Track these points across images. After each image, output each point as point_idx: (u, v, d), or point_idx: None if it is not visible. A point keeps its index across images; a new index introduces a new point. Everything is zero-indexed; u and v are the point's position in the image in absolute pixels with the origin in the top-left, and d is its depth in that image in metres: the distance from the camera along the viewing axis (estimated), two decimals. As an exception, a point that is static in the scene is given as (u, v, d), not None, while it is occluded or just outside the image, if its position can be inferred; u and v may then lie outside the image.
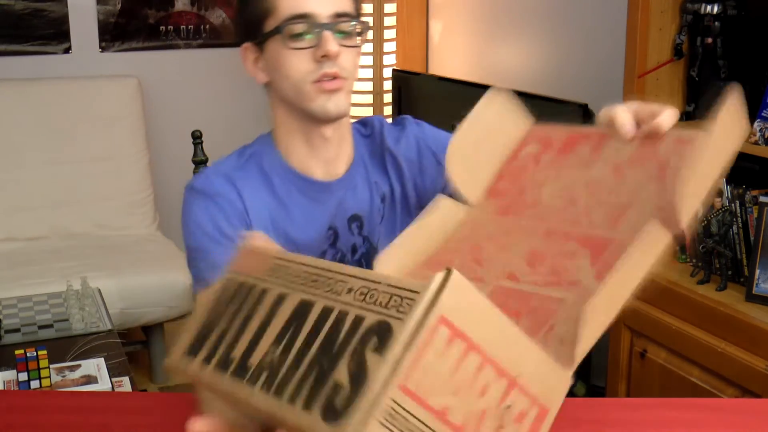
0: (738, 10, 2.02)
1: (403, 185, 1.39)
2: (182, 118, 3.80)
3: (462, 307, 0.62)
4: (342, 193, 1.36)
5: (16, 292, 2.67)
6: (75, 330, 2.27)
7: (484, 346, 0.63)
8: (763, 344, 1.79)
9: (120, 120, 3.53)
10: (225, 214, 1.30)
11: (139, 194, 3.53)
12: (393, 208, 1.40)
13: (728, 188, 2.02)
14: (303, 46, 1.25)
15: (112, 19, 3.70)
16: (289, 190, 1.34)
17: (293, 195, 1.34)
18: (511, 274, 0.83)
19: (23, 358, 1.90)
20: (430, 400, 0.61)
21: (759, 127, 1.85)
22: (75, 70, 3.63)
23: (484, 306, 0.63)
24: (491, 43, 3.27)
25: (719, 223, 2.01)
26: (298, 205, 1.34)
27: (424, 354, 0.60)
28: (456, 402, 0.63)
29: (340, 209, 1.36)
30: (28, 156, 3.38)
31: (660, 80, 2.13)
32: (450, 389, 0.62)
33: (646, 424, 1.15)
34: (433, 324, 0.61)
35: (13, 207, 3.33)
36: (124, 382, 1.88)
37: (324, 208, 1.35)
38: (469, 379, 0.63)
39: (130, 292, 2.94)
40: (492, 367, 0.64)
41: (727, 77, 2.04)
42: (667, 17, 2.10)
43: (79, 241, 3.33)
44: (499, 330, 0.64)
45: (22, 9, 3.55)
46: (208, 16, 3.87)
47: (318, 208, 1.35)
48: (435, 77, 3.03)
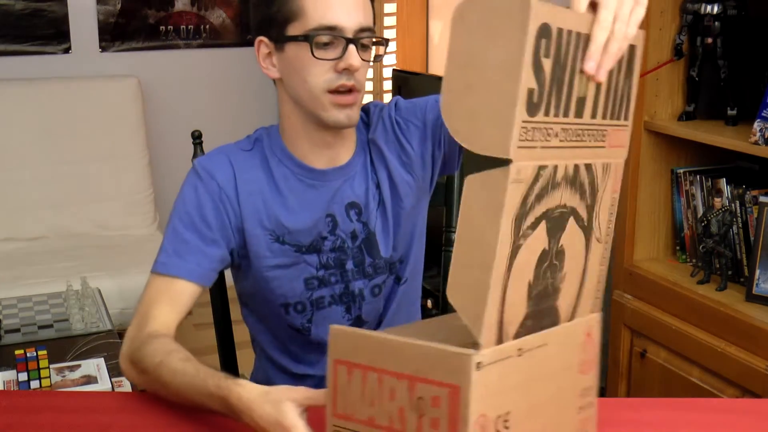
0: (738, 10, 2.02)
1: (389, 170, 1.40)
2: (182, 118, 3.80)
3: (347, 347, 0.89)
4: (340, 181, 1.38)
5: (16, 292, 2.67)
6: (75, 330, 2.27)
7: (375, 364, 0.86)
8: (763, 344, 1.79)
9: (120, 120, 3.53)
10: (212, 196, 1.34)
11: (139, 194, 3.53)
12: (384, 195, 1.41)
13: (728, 188, 2.02)
14: (327, 57, 1.27)
15: (112, 19, 3.70)
16: (286, 176, 1.37)
17: (290, 180, 1.37)
18: None
19: (23, 358, 1.90)
20: (357, 415, 0.89)
21: (759, 127, 1.85)
22: (75, 70, 3.63)
23: (365, 338, 0.89)
24: (491, 43, 3.26)
25: (719, 223, 2.01)
26: (294, 190, 1.37)
27: (338, 389, 0.90)
28: (375, 410, 0.88)
29: (337, 196, 1.38)
30: (28, 156, 3.38)
31: (660, 80, 2.13)
32: (367, 403, 0.88)
33: (646, 424, 1.14)
34: (333, 368, 0.90)
35: (13, 207, 3.33)
36: (124, 382, 1.88)
37: (319, 193, 1.37)
38: (376, 391, 0.87)
39: (130, 292, 2.93)
40: (389, 375, 0.86)
41: (727, 77, 2.04)
42: (667, 17, 2.10)
43: (79, 241, 3.33)
44: (382, 348, 0.86)
45: (22, 9, 3.55)
46: (208, 16, 3.87)
47: (313, 194, 1.37)
48: (435, 77, 3.02)
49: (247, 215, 1.35)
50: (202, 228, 1.33)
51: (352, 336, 0.90)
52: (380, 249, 1.41)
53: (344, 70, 1.27)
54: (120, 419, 1.18)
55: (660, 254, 2.23)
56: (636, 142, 2.15)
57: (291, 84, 1.33)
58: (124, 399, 1.37)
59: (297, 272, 1.38)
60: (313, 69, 1.28)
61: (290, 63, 1.31)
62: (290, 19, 1.28)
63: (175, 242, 1.32)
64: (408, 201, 1.41)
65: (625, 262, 2.20)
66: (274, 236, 1.36)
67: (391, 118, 1.41)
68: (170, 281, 1.30)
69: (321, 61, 1.27)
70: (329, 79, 1.28)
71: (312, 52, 1.27)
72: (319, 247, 1.38)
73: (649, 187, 2.19)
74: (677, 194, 2.18)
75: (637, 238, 2.21)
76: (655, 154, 2.17)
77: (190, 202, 1.34)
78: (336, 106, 1.29)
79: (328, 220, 1.38)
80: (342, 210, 1.38)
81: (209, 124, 3.37)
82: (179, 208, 1.35)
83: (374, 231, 1.40)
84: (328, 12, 1.26)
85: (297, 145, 1.37)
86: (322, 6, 1.27)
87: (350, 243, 1.39)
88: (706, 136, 2.00)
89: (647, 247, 2.22)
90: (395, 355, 0.86)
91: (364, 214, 1.40)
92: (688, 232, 2.16)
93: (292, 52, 1.30)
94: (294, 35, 1.28)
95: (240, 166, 1.37)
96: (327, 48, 1.27)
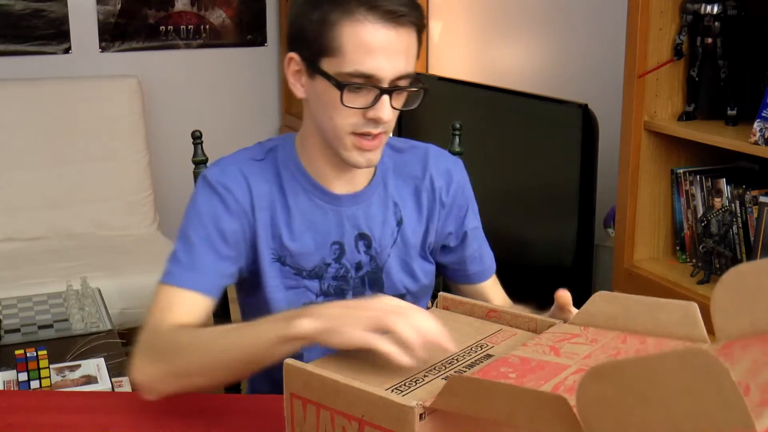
0: (738, 10, 2.02)
1: (429, 220, 1.38)
2: (182, 118, 3.80)
3: (300, 383, 0.91)
4: (353, 209, 1.33)
5: (16, 292, 2.67)
6: (75, 330, 2.27)
7: (327, 403, 0.89)
8: (763, 344, 1.79)
9: (120, 120, 3.52)
10: (229, 210, 1.28)
11: (139, 194, 3.53)
12: (408, 237, 1.37)
13: (728, 188, 2.02)
14: (357, 105, 1.19)
15: (112, 19, 3.70)
16: (297, 193, 1.31)
17: (300, 199, 1.31)
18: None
19: (23, 358, 1.90)
20: None
21: (759, 127, 1.85)
22: (75, 70, 3.63)
23: (316, 377, 0.90)
24: (491, 43, 3.26)
25: (719, 223, 2.01)
26: (302, 210, 1.31)
27: (295, 421, 0.93)
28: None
29: (348, 225, 1.33)
30: (28, 156, 3.38)
31: (660, 80, 2.13)
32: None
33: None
34: (289, 400, 0.93)
35: (13, 207, 3.33)
36: (124, 382, 1.88)
37: (327, 218, 1.32)
38: (330, 428, 0.90)
39: (130, 292, 2.94)
40: (340, 415, 0.88)
41: (727, 77, 2.04)
42: (667, 17, 2.10)
43: (79, 241, 3.32)
44: (333, 389, 0.88)
45: (22, 9, 3.55)
46: (208, 16, 3.87)
47: (321, 216, 1.32)
48: (435, 77, 3.02)
49: (259, 230, 1.29)
50: (217, 242, 1.26)
51: (303, 373, 0.91)
52: (384, 287, 1.36)
53: (372, 119, 1.20)
54: (120, 419, 1.18)
55: (660, 254, 2.23)
56: (636, 142, 2.15)
57: (316, 113, 1.25)
58: (124, 399, 1.36)
59: (296, 296, 1.33)
60: (340, 111, 1.20)
61: (318, 96, 1.22)
62: (326, 53, 1.18)
63: (189, 254, 1.25)
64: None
65: (625, 262, 2.20)
66: (275, 255, 1.31)
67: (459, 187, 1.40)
68: (183, 293, 1.23)
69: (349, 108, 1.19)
70: (355, 124, 1.20)
71: (342, 100, 1.18)
72: (321, 273, 1.33)
73: (649, 187, 2.19)
74: (677, 194, 2.18)
75: (637, 238, 2.21)
76: (655, 155, 2.17)
77: (206, 215, 1.27)
78: (357, 149, 1.23)
79: (335, 248, 1.32)
80: (351, 240, 1.33)
81: (209, 124, 3.39)
82: (194, 221, 1.27)
83: (382, 267, 1.35)
84: (368, 58, 1.16)
85: (314, 163, 1.31)
86: (362, 50, 1.16)
87: (353, 273, 1.34)
88: (706, 136, 2.00)
89: (647, 247, 2.22)
90: (345, 396, 0.87)
91: (373, 248, 1.34)
92: (688, 232, 2.16)
93: (321, 87, 1.20)
94: (326, 72, 1.18)
95: (253, 179, 1.29)
96: (358, 94, 1.18)
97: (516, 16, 3.12)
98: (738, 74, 2.05)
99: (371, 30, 1.15)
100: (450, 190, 1.39)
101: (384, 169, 1.36)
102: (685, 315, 1.01)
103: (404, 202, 1.37)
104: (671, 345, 0.99)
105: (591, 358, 0.93)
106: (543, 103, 2.35)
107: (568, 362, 0.92)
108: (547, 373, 0.89)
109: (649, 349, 0.97)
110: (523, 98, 2.47)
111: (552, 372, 0.89)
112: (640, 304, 1.03)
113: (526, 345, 1.00)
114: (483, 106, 2.60)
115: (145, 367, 1.16)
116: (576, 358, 0.93)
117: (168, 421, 1.16)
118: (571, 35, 2.84)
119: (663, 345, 0.99)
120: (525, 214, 2.54)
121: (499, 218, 2.30)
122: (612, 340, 0.99)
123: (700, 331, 1.01)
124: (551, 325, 1.08)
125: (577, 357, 0.94)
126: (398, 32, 1.17)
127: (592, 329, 1.03)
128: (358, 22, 1.15)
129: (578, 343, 0.99)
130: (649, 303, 1.03)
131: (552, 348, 0.98)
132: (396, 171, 1.37)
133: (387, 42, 1.16)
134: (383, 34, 1.16)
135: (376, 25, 1.16)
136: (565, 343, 0.99)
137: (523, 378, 0.88)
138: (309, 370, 0.91)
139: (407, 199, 1.37)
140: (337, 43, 1.17)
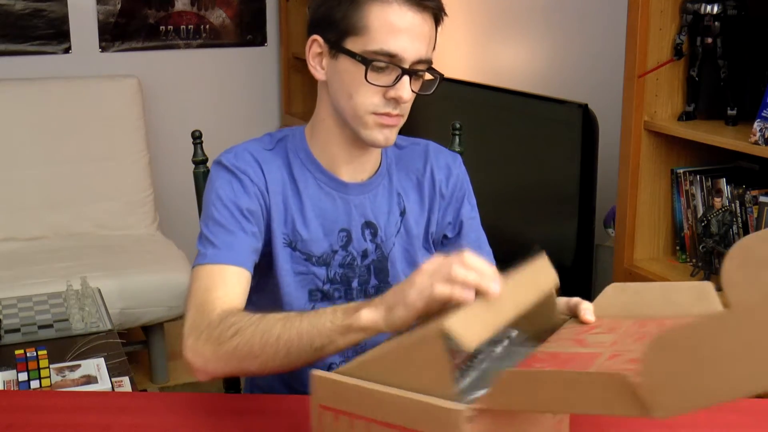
0: (738, 10, 2.02)
1: (430, 211, 1.41)
2: (182, 118, 3.80)
3: (330, 394, 0.89)
4: (360, 197, 1.37)
5: (16, 292, 2.67)
6: (75, 330, 2.27)
7: (363, 413, 0.87)
8: (763, 344, 1.79)
9: (120, 120, 3.52)
10: (247, 191, 1.31)
11: (139, 194, 3.53)
12: (411, 227, 1.40)
13: (728, 188, 2.02)
14: (380, 83, 1.24)
15: (112, 19, 3.70)
16: (307, 180, 1.35)
17: (309, 186, 1.35)
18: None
19: (23, 358, 1.90)
20: None
21: (759, 127, 1.85)
22: (75, 70, 3.63)
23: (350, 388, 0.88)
24: (491, 43, 3.27)
25: (719, 223, 2.01)
26: (312, 197, 1.35)
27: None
28: None
29: (355, 213, 1.36)
30: (28, 156, 3.38)
31: (660, 80, 2.13)
32: None
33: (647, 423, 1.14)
34: (317, 412, 0.91)
35: (13, 207, 3.33)
36: (124, 382, 1.88)
37: (336, 205, 1.36)
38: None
39: (130, 292, 2.94)
40: (379, 424, 0.86)
41: (727, 77, 2.04)
42: (667, 17, 2.10)
43: (79, 241, 3.33)
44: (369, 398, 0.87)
45: (22, 9, 3.55)
46: (208, 16, 3.87)
47: (330, 204, 1.36)
48: (435, 77, 3.02)
49: (273, 213, 1.33)
50: (242, 221, 1.29)
51: (335, 384, 0.90)
52: (389, 276, 1.39)
53: (392, 99, 1.25)
54: (120, 419, 1.18)
55: (660, 254, 2.23)
56: (636, 142, 2.15)
57: (336, 94, 1.29)
58: (124, 399, 1.37)
59: (305, 282, 1.36)
60: (362, 89, 1.25)
61: (340, 75, 1.27)
62: (352, 32, 1.23)
63: (219, 235, 1.27)
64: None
65: (625, 262, 2.21)
66: (287, 240, 1.34)
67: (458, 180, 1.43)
68: (223, 269, 1.24)
69: (372, 85, 1.24)
70: (376, 104, 1.25)
71: (366, 76, 1.23)
72: (329, 260, 1.36)
73: (649, 187, 2.19)
74: (677, 194, 2.18)
75: (637, 238, 2.21)
76: (655, 154, 2.17)
77: (226, 197, 1.30)
78: (378, 126, 1.27)
79: (342, 235, 1.36)
80: (358, 228, 1.37)
81: (209, 124, 3.38)
82: (217, 204, 1.30)
83: (387, 256, 1.38)
84: (392, 38, 1.22)
85: (325, 150, 1.35)
86: (388, 30, 1.22)
87: (359, 261, 1.37)
88: (706, 136, 2.00)
89: (647, 247, 2.22)
90: (385, 405, 0.86)
91: (379, 236, 1.38)
92: (688, 232, 2.16)
93: (344, 66, 1.26)
94: (351, 51, 1.24)
95: (266, 165, 1.34)
96: (381, 73, 1.24)
97: (516, 16, 3.12)
98: (738, 74, 2.05)
99: (398, 11, 1.22)
100: (449, 183, 1.43)
101: (388, 162, 1.41)
102: (700, 294, 1.02)
103: (407, 194, 1.41)
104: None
105: (618, 345, 0.93)
106: (543, 103, 2.35)
107: (598, 350, 0.92)
108: (580, 363, 0.89)
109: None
110: (523, 98, 2.47)
111: (586, 361, 0.89)
112: (652, 289, 1.04)
113: (549, 341, 1.00)
114: (483, 106, 2.60)
115: (199, 348, 1.15)
116: (603, 346, 0.93)
117: (168, 421, 1.16)
118: (571, 35, 2.84)
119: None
120: (525, 213, 2.54)
121: (499, 218, 2.30)
122: (631, 327, 0.99)
123: (716, 307, 1.01)
124: (562, 320, 1.08)
125: (605, 345, 0.94)
126: (423, 17, 1.23)
127: (607, 319, 1.04)
128: (386, 3, 1.22)
129: (599, 333, 1.00)
130: (662, 287, 1.04)
131: (576, 341, 0.98)
132: (399, 164, 1.42)
133: (412, 24, 1.22)
134: (410, 16, 1.22)
135: (403, 7, 1.22)
136: (586, 335, 1.00)
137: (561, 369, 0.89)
138: (342, 380, 0.90)
139: (410, 191, 1.42)
140: (363, 22, 1.22)
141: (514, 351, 1.02)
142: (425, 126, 2.72)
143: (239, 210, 1.30)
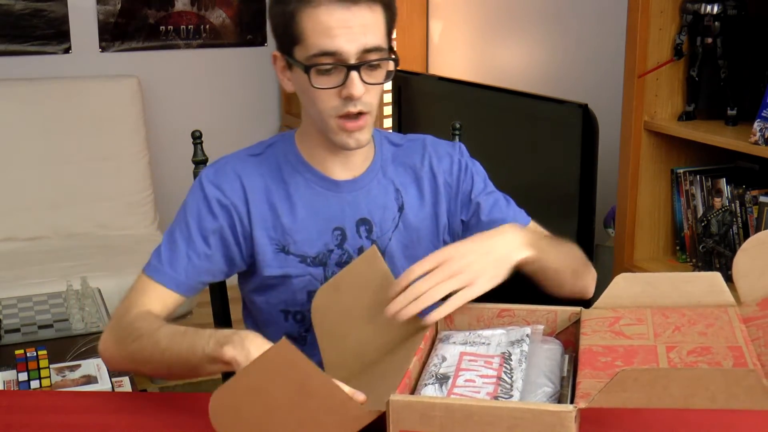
0: (738, 10, 2.02)
1: (435, 205, 1.41)
2: (182, 118, 3.80)
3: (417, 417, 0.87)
4: (353, 194, 1.37)
5: (16, 292, 2.67)
6: (75, 330, 2.27)
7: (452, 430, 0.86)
8: (763, 344, 1.79)
9: (120, 120, 3.53)
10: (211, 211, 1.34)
11: (139, 194, 3.53)
12: (411, 223, 1.39)
13: (728, 188, 2.01)
14: (328, 86, 1.24)
15: (112, 19, 3.70)
16: (297, 182, 1.36)
17: (300, 187, 1.36)
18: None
19: (23, 358, 1.90)
20: None
21: (759, 127, 1.85)
22: (75, 70, 3.63)
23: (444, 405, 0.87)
24: (491, 43, 3.26)
25: (719, 223, 2.01)
26: (303, 198, 1.35)
27: None
28: None
29: (348, 210, 1.36)
30: (28, 156, 3.38)
31: (660, 80, 2.13)
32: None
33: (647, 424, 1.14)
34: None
35: (13, 207, 3.33)
36: (124, 382, 1.88)
37: (329, 204, 1.36)
38: None
39: (130, 292, 2.93)
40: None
41: (727, 77, 2.04)
42: (667, 17, 2.10)
43: (79, 241, 3.33)
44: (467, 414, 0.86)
45: (22, 9, 3.55)
46: (208, 16, 3.87)
47: (323, 203, 1.36)
48: (435, 77, 3.02)
49: (255, 223, 1.34)
50: (197, 241, 1.33)
51: (419, 406, 0.88)
52: None
53: (347, 97, 1.24)
54: (120, 419, 1.18)
55: (660, 254, 2.23)
56: (636, 142, 2.15)
57: (305, 103, 1.32)
58: (124, 399, 1.37)
59: (302, 284, 1.36)
60: (317, 96, 1.25)
61: (300, 85, 1.29)
62: (294, 41, 1.26)
63: (170, 250, 1.34)
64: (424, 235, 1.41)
65: (625, 262, 2.20)
66: (279, 246, 1.35)
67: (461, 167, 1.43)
68: (157, 287, 1.33)
69: (322, 89, 1.24)
70: (336, 106, 1.25)
71: (310, 81, 1.24)
72: (325, 260, 1.36)
73: (649, 187, 2.19)
74: (677, 194, 2.18)
75: (637, 238, 2.21)
76: (655, 154, 2.17)
77: (191, 213, 1.35)
78: (343, 131, 1.27)
79: (337, 233, 1.36)
80: (353, 225, 1.37)
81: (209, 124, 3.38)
82: (180, 217, 1.36)
83: (384, 251, 1.38)
84: (327, 38, 1.21)
85: (313, 152, 1.36)
86: (321, 31, 1.22)
87: (356, 257, 1.36)
88: (706, 136, 2.00)
89: (647, 247, 2.22)
90: (481, 418, 0.86)
91: (374, 232, 1.38)
92: (688, 232, 2.16)
93: (299, 75, 1.27)
94: (297, 59, 1.26)
95: (247, 175, 1.35)
96: (329, 74, 1.24)
97: (516, 16, 3.12)
98: (738, 74, 2.05)
99: (326, 11, 1.22)
100: (453, 171, 1.43)
101: (383, 159, 1.41)
102: (712, 284, 1.04)
103: (406, 189, 1.41)
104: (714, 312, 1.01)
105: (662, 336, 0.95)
106: (543, 103, 2.35)
107: (649, 343, 0.94)
108: (644, 357, 0.91)
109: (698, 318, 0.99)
110: (523, 98, 2.46)
111: (648, 354, 0.91)
112: (663, 280, 1.05)
113: (586, 334, 1.00)
114: (483, 106, 2.60)
115: (108, 343, 1.29)
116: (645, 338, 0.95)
117: (168, 421, 1.16)
118: (571, 35, 2.84)
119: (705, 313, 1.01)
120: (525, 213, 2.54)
121: (499, 218, 2.29)
122: (655, 317, 1.01)
123: (728, 297, 1.03)
124: (571, 314, 1.08)
125: (646, 336, 0.96)
126: (352, 11, 1.22)
127: (623, 310, 1.05)
128: (314, 7, 1.23)
129: (629, 324, 1.01)
130: (673, 278, 1.05)
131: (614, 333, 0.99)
132: (395, 161, 1.42)
133: (343, 20, 1.22)
134: (339, 13, 1.22)
135: (330, 7, 1.22)
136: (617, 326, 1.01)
137: (631, 362, 0.90)
138: (427, 401, 0.89)
139: (408, 186, 1.41)
140: (299, 30, 1.24)
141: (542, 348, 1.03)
142: (425, 126, 2.72)
143: (200, 231, 1.34)
